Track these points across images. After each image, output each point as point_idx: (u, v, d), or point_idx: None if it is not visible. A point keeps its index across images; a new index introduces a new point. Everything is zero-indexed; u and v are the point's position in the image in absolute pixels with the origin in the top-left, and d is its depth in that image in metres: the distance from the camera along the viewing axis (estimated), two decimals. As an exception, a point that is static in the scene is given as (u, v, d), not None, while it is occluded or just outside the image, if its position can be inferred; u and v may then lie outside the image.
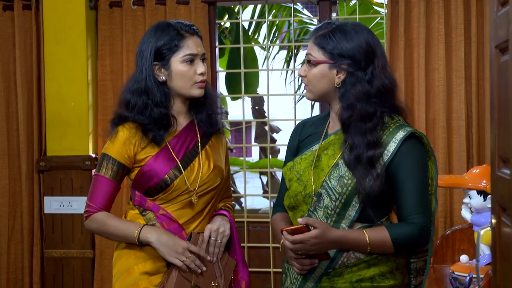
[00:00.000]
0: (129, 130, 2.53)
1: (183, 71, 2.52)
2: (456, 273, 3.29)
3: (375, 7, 6.19)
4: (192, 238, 2.50)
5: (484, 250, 3.35)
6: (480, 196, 3.32)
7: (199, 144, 2.61)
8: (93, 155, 4.41)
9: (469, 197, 3.36)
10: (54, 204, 4.45)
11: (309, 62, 2.32)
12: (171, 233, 2.51)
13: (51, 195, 4.46)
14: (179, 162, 2.55)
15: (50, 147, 4.47)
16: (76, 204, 4.40)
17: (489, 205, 3.29)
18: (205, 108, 2.62)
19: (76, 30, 4.42)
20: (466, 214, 3.43)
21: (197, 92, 2.55)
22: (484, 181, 3.31)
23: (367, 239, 2.22)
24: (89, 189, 2.58)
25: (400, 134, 2.24)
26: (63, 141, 4.44)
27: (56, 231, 4.47)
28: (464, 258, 3.40)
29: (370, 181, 2.21)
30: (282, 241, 2.28)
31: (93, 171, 4.09)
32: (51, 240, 4.48)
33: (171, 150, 2.55)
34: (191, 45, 2.53)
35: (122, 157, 2.53)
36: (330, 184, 2.27)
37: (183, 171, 2.54)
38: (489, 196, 3.29)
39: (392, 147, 2.23)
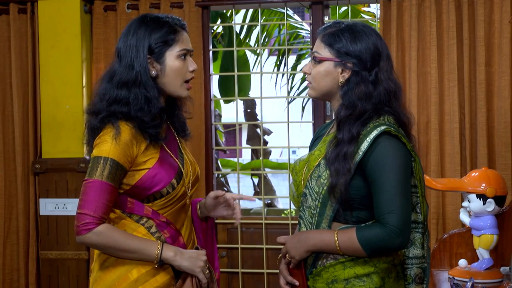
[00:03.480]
0: (130, 129, 2.07)
1: (177, 67, 2.15)
2: (456, 278, 2.92)
3: (363, 15, 5.85)
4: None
5: (483, 254, 2.98)
6: (480, 199, 2.94)
7: (180, 146, 2.26)
8: (88, 158, 4.00)
9: (468, 200, 2.99)
10: (49, 206, 4.10)
11: (315, 59, 2.11)
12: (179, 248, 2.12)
13: (46, 197, 4.10)
14: (180, 165, 2.17)
15: (45, 149, 4.13)
16: (71, 206, 4.04)
17: (489, 209, 2.95)
18: (179, 113, 2.28)
19: (71, 34, 4.07)
20: (464, 218, 3.06)
21: (184, 93, 2.19)
22: (483, 185, 2.95)
23: (335, 238, 2.01)
24: (82, 197, 2.02)
25: (374, 133, 2.01)
26: (58, 144, 4.09)
27: (51, 232, 4.11)
28: (462, 262, 3.02)
29: (340, 178, 2.00)
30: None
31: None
32: (46, 242, 4.13)
33: (170, 152, 2.17)
34: (185, 40, 2.19)
35: (125, 160, 2.05)
36: (310, 184, 2.10)
37: (183, 174, 2.17)
38: (488, 199, 2.93)
39: (364, 146, 2.01)
